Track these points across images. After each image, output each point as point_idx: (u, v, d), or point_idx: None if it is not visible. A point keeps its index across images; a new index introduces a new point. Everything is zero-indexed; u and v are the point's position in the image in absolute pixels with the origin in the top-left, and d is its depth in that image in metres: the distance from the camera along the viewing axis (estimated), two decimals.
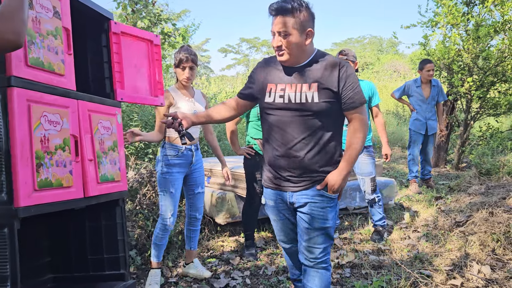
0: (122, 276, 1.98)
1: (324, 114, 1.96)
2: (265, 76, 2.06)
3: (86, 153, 1.76)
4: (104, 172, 1.88)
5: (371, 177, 3.75)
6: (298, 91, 1.96)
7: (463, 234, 3.67)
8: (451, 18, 6.13)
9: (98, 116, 1.89)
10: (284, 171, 2.05)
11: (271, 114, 2.03)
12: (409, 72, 20.14)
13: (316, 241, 2.07)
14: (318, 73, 1.97)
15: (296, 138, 1.98)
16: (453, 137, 7.17)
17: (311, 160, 2.00)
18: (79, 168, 1.72)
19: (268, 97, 2.01)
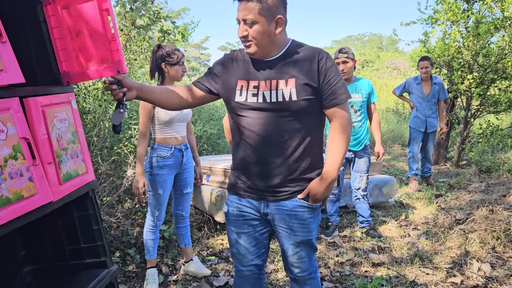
0: (104, 263, 1.92)
1: (304, 114, 1.73)
2: (233, 71, 1.80)
3: (44, 157, 1.54)
4: (66, 170, 1.68)
5: (368, 175, 3.79)
6: (274, 89, 1.71)
7: (463, 232, 3.66)
8: (451, 15, 6.11)
9: (52, 109, 1.63)
10: (259, 179, 1.80)
11: (242, 116, 1.76)
12: (409, 69, 20.11)
13: (301, 255, 1.88)
14: (295, 66, 1.73)
15: (273, 142, 1.74)
16: (453, 134, 7.16)
17: (291, 167, 1.77)
18: (41, 170, 1.52)
19: (239, 96, 1.75)
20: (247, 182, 1.83)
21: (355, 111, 3.69)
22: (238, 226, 1.90)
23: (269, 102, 1.71)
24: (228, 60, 1.84)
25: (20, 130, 1.44)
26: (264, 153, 1.76)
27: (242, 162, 1.83)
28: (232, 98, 1.77)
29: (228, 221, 1.94)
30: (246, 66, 1.78)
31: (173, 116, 2.79)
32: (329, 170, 1.76)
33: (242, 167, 1.84)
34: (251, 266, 1.96)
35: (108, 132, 4.29)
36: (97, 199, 3.47)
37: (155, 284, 2.87)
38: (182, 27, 6.49)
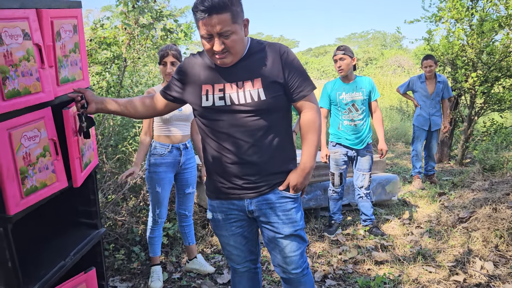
0: (95, 225, 2.18)
1: (274, 110, 1.76)
2: (195, 76, 1.78)
3: (74, 153, 1.83)
4: (85, 160, 1.99)
5: (370, 173, 3.81)
6: (241, 90, 1.71)
7: (466, 230, 3.67)
8: (455, 13, 6.09)
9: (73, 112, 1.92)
10: (239, 179, 1.82)
11: (212, 119, 1.77)
12: (413, 67, 20.06)
13: (291, 248, 1.87)
14: (259, 65, 1.73)
15: (248, 142, 1.76)
16: (457, 132, 7.14)
17: (268, 163, 1.80)
18: (61, 164, 1.81)
19: (206, 101, 1.74)
20: (227, 184, 1.84)
21: (357, 110, 3.70)
22: (226, 229, 1.94)
23: (237, 104, 1.72)
24: (188, 66, 1.82)
25: (49, 133, 1.75)
26: (240, 153, 1.77)
27: (219, 165, 1.83)
28: (198, 103, 1.77)
29: (215, 227, 1.98)
30: (209, 69, 1.76)
31: (171, 115, 2.81)
32: (306, 160, 1.81)
33: (219, 170, 1.84)
34: (246, 262, 2.03)
35: (113, 130, 4.32)
36: (102, 197, 3.51)
37: (159, 281, 2.90)
38: (185, 25, 6.50)
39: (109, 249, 3.29)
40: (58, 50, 1.77)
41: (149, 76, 6.62)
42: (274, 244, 1.90)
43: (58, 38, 1.77)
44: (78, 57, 1.95)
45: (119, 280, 2.99)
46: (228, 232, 1.94)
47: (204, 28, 1.61)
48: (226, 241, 1.98)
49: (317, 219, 4.23)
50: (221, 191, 1.88)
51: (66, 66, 1.84)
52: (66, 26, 1.83)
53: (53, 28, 1.73)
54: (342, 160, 3.77)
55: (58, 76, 1.79)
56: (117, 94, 4.59)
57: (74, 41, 1.90)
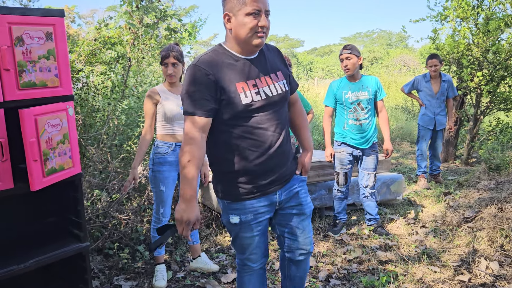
0: (78, 237, 2.31)
1: (287, 101, 1.94)
2: (226, 75, 1.72)
3: (30, 154, 1.99)
4: (52, 165, 2.11)
5: (376, 172, 3.79)
6: (271, 83, 1.81)
7: (471, 230, 3.65)
8: (460, 11, 6.06)
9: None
10: (273, 172, 1.86)
11: (249, 117, 1.76)
12: (418, 66, 19.98)
13: (310, 227, 2.05)
14: (274, 60, 1.88)
15: (280, 133, 1.84)
16: (463, 132, 7.10)
17: (290, 151, 1.95)
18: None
19: (245, 98, 1.72)
20: (262, 181, 1.85)
21: (362, 109, 3.69)
22: (252, 230, 1.92)
23: (271, 96, 1.80)
24: (211, 69, 1.71)
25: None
26: (275, 146, 1.84)
27: (250, 164, 1.81)
28: (238, 102, 1.72)
29: (242, 229, 1.91)
30: (233, 68, 1.75)
31: (174, 114, 2.81)
32: (311, 144, 2.08)
33: (254, 169, 1.82)
34: (262, 259, 2.06)
35: (117, 130, 4.33)
36: (107, 196, 3.53)
37: (163, 280, 2.91)
38: (189, 25, 6.52)
39: (113, 248, 3.30)
40: (19, 55, 1.89)
41: (153, 76, 6.63)
42: (299, 226, 2.01)
43: (20, 43, 1.89)
44: (53, 64, 2.03)
45: (124, 279, 3.00)
46: (253, 233, 1.92)
47: (255, 3, 1.66)
48: (249, 242, 1.95)
49: (322, 218, 4.22)
50: (250, 192, 1.86)
51: (32, 71, 1.95)
52: (34, 32, 1.94)
53: (11, 33, 1.85)
54: (347, 160, 3.76)
55: (18, 80, 1.90)
56: (122, 93, 4.60)
57: (46, 48, 1.99)
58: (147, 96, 2.83)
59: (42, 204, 2.59)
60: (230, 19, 1.73)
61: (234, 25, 1.71)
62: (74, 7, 6.48)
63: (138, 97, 4.88)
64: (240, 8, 1.67)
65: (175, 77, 2.84)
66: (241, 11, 1.67)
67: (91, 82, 4.44)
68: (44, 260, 2.10)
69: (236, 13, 1.69)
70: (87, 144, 3.89)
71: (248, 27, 1.68)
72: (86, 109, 4.19)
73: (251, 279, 2.08)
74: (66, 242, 2.28)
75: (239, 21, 1.69)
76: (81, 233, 2.29)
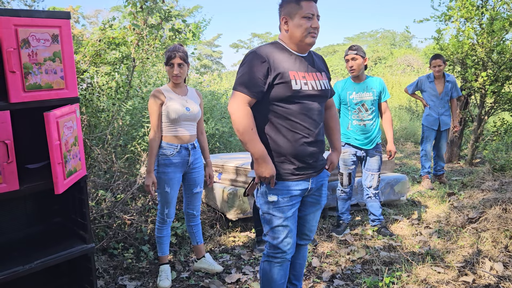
0: (83, 239, 2.33)
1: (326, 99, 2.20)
2: (281, 63, 2.00)
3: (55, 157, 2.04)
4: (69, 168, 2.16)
5: (379, 173, 3.79)
6: (316, 79, 2.07)
7: (475, 231, 3.64)
8: (465, 12, 6.04)
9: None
10: (311, 157, 2.08)
11: (297, 102, 2.00)
12: (422, 66, 19.92)
13: (318, 217, 2.30)
14: (319, 63, 2.18)
15: (319, 123, 2.11)
16: (467, 132, 7.08)
17: (324, 143, 2.17)
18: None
19: (295, 85, 1.98)
20: (300, 164, 2.05)
21: (366, 110, 3.69)
22: (288, 210, 2.07)
23: (316, 90, 2.05)
24: (270, 55, 1.99)
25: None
26: (317, 134, 2.08)
27: (296, 146, 2.03)
28: (289, 87, 1.97)
29: (278, 209, 2.06)
30: (290, 59, 2.04)
31: (179, 114, 2.82)
32: (340, 145, 2.37)
33: (295, 151, 2.03)
34: (292, 248, 2.16)
35: (122, 130, 4.35)
36: (111, 196, 3.54)
37: (168, 280, 2.92)
38: (193, 25, 6.53)
39: (118, 248, 3.32)
40: (25, 57, 1.91)
41: (157, 76, 6.66)
42: (312, 214, 2.25)
43: (26, 45, 1.91)
44: (59, 66, 2.05)
45: (128, 279, 3.01)
46: (287, 214, 2.07)
47: (311, 8, 2.00)
48: (286, 224, 2.07)
49: (325, 219, 4.22)
50: (291, 173, 2.05)
51: (38, 74, 1.96)
52: (40, 35, 1.96)
53: (17, 35, 1.87)
54: (351, 160, 3.77)
55: (24, 82, 1.92)
56: (126, 94, 4.62)
57: (53, 50, 2.01)
58: (152, 97, 2.82)
59: (48, 205, 2.61)
60: (287, 21, 2.04)
61: (291, 26, 2.02)
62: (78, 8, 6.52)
63: (143, 98, 4.90)
64: (297, 12, 1.99)
65: (181, 77, 2.85)
66: (298, 15, 1.99)
67: (96, 83, 4.46)
68: (50, 261, 2.12)
69: (293, 17, 2.01)
70: (92, 145, 3.91)
71: (303, 28, 1.99)
72: (90, 109, 4.21)
73: (281, 271, 2.16)
74: (71, 243, 2.30)
75: (295, 23, 2.00)
76: (86, 234, 2.31)
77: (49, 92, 2.02)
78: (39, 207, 2.60)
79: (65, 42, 2.05)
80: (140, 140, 4.30)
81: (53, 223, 2.62)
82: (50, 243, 2.31)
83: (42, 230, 2.53)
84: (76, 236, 2.39)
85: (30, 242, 2.34)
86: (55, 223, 2.62)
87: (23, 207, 2.52)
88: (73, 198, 2.36)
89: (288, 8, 2.03)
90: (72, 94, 2.11)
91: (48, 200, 2.58)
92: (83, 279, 2.42)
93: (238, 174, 3.90)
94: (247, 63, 1.99)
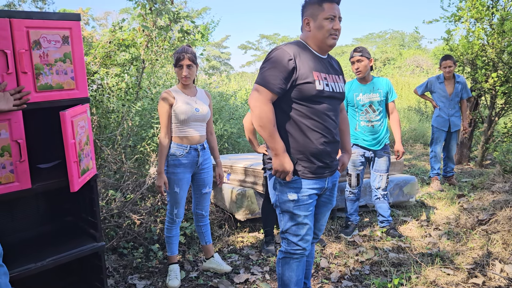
0: (94, 237, 2.37)
1: None
2: (306, 62, 2.02)
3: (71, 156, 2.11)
4: (83, 167, 2.21)
5: (388, 174, 3.78)
6: (336, 81, 2.13)
7: (485, 233, 3.61)
8: (475, 12, 5.99)
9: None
10: (329, 157, 2.12)
11: (319, 102, 2.04)
12: (432, 67, 19.77)
13: (327, 217, 2.36)
14: (337, 66, 2.24)
15: (337, 125, 2.17)
16: (477, 133, 7.02)
17: (339, 144, 2.23)
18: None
19: (319, 85, 2.01)
20: (318, 163, 2.09)
21: (374, 111, 3.68)
22: (306, 209, 2.11)
23: (336, 91, 2.10)
24: (296, 54, 2.01)
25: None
26: (334, 134, 2.13)
27: (314, 145, 2.06)
28: (313, 87, 2.00)
29: (297, 207, 2.10)
30: (312, 60, 2.06)
31: (189, 115, 2.83)
32: (350, 147, 2.43)
33: (314, 150, 2.06)
34: (310, 243, 2.20)
35: (131, 130, 4.39)
36: (121, 196, 3.57)
37: (177, 280, 2.94)
38: (202, 26, 6.56)
39: (128, 248, 3.35)
40: (37, 58, 1.95)
41: (166, 77, 6.70)
42: (322, 214, 2.30)
43: (37, 46, 1.95)
44: (70, 67, 2.09)
45: (138, 278, 3.04)
46: (306, 212, 2.11)
47: (333, 9, 2.02)
48: (305, 222, 2.12)
49: (334, 220, 4.22)
50: (309, 171, 2.08)
51: (48, 74, 2.00)
52: (51, 36, 1.99)
53: (28, 36, 1.91)
54: (359, 161, 3.76)
55: (35, 83, 1.96)
56: (136, 95, 4.66)
57: (63, 51, 2.05)
58: (162, 99, 2.83)
59: (59, 204, 2.64)
60: (309, 22, 2.07)
61: (313, 27, 2.05)
62: (88, 10, 6.59)
63: (152, 99, 4.94)
64: (319, 13, 2.03)
65: (190, 78, 2.86)
66: (320, 16, 2.02)
67: (106, 84, 4.50)
68: (61, 259, 2.15)
69: (315, 18, 2.04)
70: (102, 145, 3.95)
71: (325, 29, 2.02)
72: (101, 110, 4.25)
73: (299, 266, 2.20)
74: (82, 241, 2.33)
75: (317, 24, 2.04)
76: (97, 233, 2.33)
77: (60, 92, 2.05)
78: (50, 205, 2.63)
79: (75, 43, 2.08)
80: (149, 140, 4.33)
81: (64, 221, 2.65)
82: (61, 241, 2.34)
83: (53, 228, 2.56)
84: (87, 234, 2.41)
85: (42, 240, 2.37)
86: (66, 221, 2.65)
87: (35, 206, 2.56)
88: (83, 197, 2.39)
89: (310, 10, 2.06)
90: (82, 95, 2.14)
91: (59, 199, 2.61)
92: (93, 278, 2.45)
93: (246, 175, 3.91)
94: (273, 59, 1.99)
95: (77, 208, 2.54)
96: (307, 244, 2.16)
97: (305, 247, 2.16)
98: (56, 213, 2.65)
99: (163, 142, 2.84)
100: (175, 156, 2.85)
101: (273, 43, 34.87)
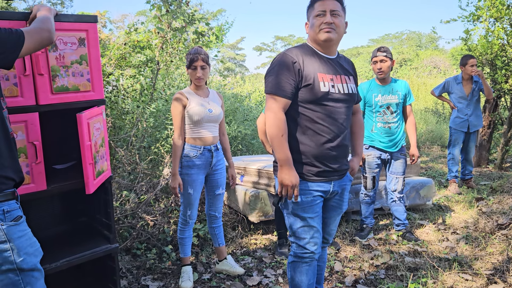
0: (108, 238, 2.37)
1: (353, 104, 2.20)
2: (310, 64, 2.00)
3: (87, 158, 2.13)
4: (98, 169, 2.22)
5: (404, 176, 3.72)
6: (344, 82, 2.07)
7: (505, 237, 3.52)
8: (494, 11, 5.87)
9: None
10: (335, 161, 2.08)
11: (324, 105, 2.01)
12: (449, 68, 19.46)
13: (337, 222, 2.30)
14: (348, 67, 2.17)
15: (345, 128, 2.10)
16: (496, 135, 6.87)
17: (348, 148, 2.18)
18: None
19: (324, 87, 1.99)
20: (323, 167, 2.06)
21: (391, 113, 3.62)
22: (312, 211, 2.08)
23: (343, 93, 2.05)
24: (300, 56, 2.01)
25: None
26: (341, 138, 2.08)
27: (319, 149, 2.03)
28: (318, 89, 1.98)
29: (301, 209, 2.07)
30: (318, 61, 2.03)
31: (202, 116, 2.82)
32: (362, 151, 2.38)
33: (318, 154, 2.04)
34: (320, 247, 2.17)
35: (145, 132, 4.41)
36: (135, 197, 3.59)
37: (189, 281, 2.93)
38: (216, 28, 6.57)
39: (141, 249, 3.35)
40: (53, 60, 1.96)
41: (181, 79, 6.73)
42: (332, 218, 2.26)
43: (53, 48, 1.96)
44: (86, 69, 2.09)
45: (151, 279, 3.04)
46: (314, 214, 2.09)
47: (323, 5, 1.99)
48: (311, 224, 2.09)
49: (348, 222, 4.16)
50: (313, 174, 2.06)
51: (65, 76, 2.02)
52: (67, 38, 2.01)
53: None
54: (375, 163, 3.70)
55: (51, 84, 1.97)
56: (150, 96, 4.69)
57: (79, 53, 2.06)
58: (175, 100, 2.84)
59: (73, 205, 2.66)
60: (307, 25, 2.11)
61: (309, 28, 2.07)
62: (105, 12, 6.65)
63: (166, 100, 4.96)
64: (311, 13, 2.05)
65: (203, 79, 2.86)
66: (311, 15, 2.05)
67: (121, 85, 4.54)
68: (75, 260, 2.16)
69: (309, 19, 2.07)
70: (116, 146, 3.97)
71: (315, 26, 2.02)
72: (116, 111, 4.28)
73: (309, 270, 2.17)
74: (96, 242, 2.34)
75: (310, 24, 2.06)
76: (111, 234, 2.34)
77: (76, 94, 2.06)
78: (65, 206, 2.65)
79: (91, 45, 2.08)
80: (163, 142, 4.34)
81: (78, 222, 2.67)
82: (75, 242, 2.35)
83: (67, 229, 2.58)
84: (101, 235, 2.42)
85: (56, 241, 2.39)
86: (81, 222, 2.67)
87: (50, 207, 2.58)
88: (98, 198, 2.40)
89: (308, 13, 2.12)
90: (98, 96, 2.15)
91: (73, 200, 2.63)
92: (107, 279, 2.45)
93: (260, 177, 3.89)
94: (276, 65, 2.00)
95: (91, 209, 2.55)
96: (315, 248, 2.13)
97: (313, 250, 2.13)
98: (70, 214, 2.67)
99: (177, 143, 2.83)
100: (188, 157, 2.85)
101: (288, 44, 34.79)
